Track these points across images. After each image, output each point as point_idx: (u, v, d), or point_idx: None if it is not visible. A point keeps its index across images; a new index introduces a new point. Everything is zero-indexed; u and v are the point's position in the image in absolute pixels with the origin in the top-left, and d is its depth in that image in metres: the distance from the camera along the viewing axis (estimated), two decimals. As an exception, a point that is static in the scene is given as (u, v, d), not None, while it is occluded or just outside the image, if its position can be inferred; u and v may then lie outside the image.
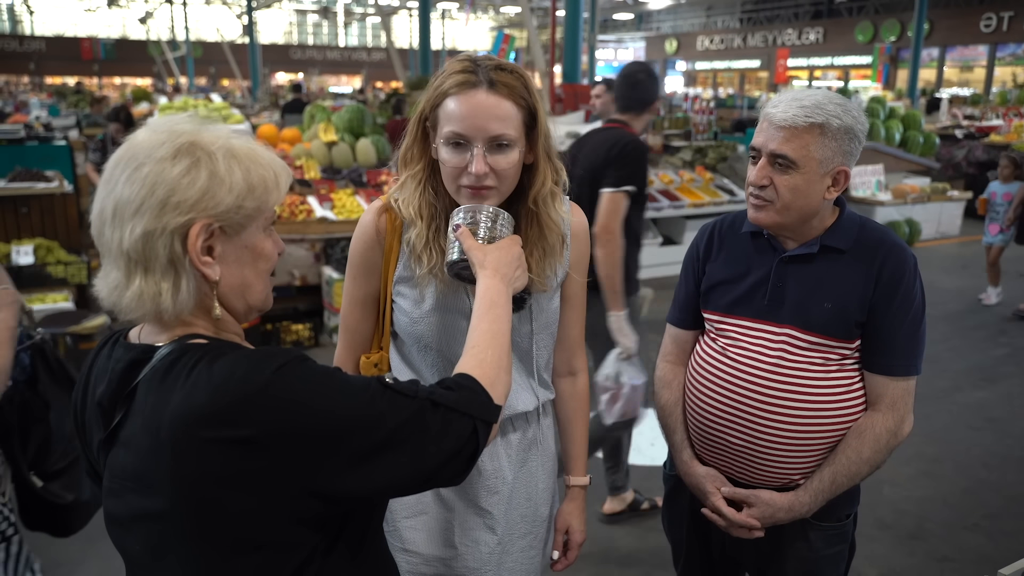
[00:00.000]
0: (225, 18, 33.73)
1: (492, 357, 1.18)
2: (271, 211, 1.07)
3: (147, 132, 1.02)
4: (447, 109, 1.41)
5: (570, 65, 11.23)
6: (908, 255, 1.67)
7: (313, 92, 22.52)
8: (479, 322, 1.25)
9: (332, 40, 43.03)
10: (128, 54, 35.35)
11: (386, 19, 20.12)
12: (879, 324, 1.64)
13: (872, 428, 1.67)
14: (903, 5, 26.73)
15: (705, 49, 37.52)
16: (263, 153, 1.07)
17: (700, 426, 1.80)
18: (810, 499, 1.69)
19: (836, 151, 1.60)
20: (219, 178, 0.99)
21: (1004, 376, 5.27)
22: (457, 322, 1.53)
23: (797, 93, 1.63)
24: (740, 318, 1.74)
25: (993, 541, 3.35)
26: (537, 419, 1.68)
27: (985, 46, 27.18)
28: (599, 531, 3.40)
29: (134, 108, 13.58)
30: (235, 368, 0.95)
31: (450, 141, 1.41)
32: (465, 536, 1.62)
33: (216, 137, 1.03)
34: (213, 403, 0.92)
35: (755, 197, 1.67)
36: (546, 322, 1.61)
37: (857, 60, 30.12)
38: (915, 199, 9.39)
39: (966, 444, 4.26)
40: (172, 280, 0.99)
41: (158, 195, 0.96)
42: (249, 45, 23.37)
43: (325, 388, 0.99)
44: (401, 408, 1.02)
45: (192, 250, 0.98)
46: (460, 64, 1.44)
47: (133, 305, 1.00)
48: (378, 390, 1.02)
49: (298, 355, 1.01)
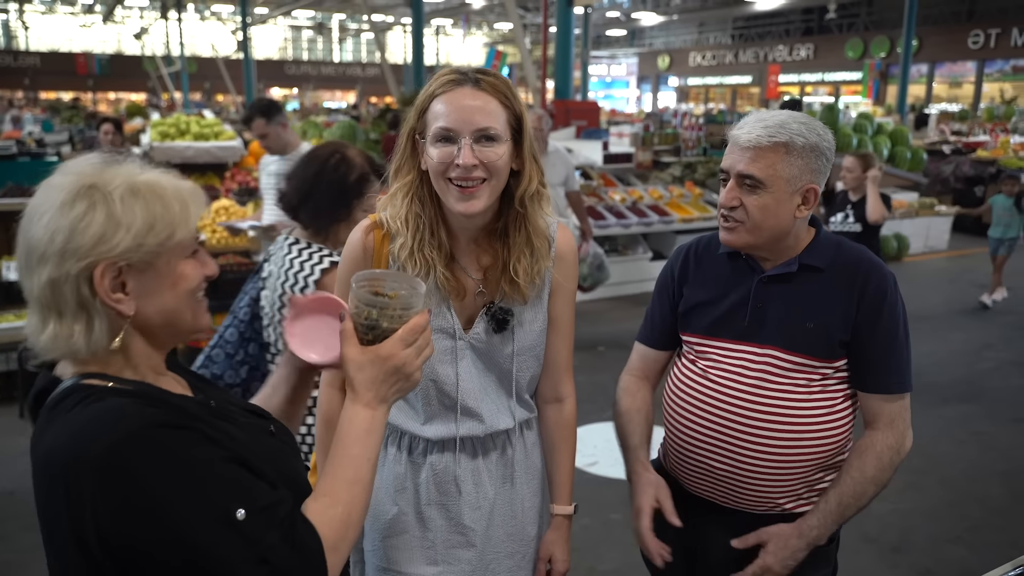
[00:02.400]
0: (220, 34, 33.81)
1: (342, 514, 1.08)
2: (186, 240, 1.07)
3: (56, 175, 1.03)
4: (435, 110, 1.45)
5: (562, 81, 11.32)
6: (888, 273, 1.68)
7: (307, 107, 22.60)
8: (343, 453, 1.12)
9: (327, 55, 43.17)
10: (123, 69, 35.40)
11: (380, 35, 20.23)
12: (868, 344, 1.65)
13: (873, 447, 1.67)
14: (892, 22, 26.96)
15: (697, 65, 37.76)
16: (168, 186, 1.06)
17: (682, 451, 1.78)
18: (819, 522, 1.67)
19: (803, 169, 1.61)
20: (115, 220, 0.99)
21: (989, 390, 5.31)
22: (440, 342, 1.54)
23: (762, 114, 1.66)
24: (721, 340, 1.73)
25: (975, 554, 3.37)
26: (520, 436, 1.67)
27: (973, 62, 27.43)
28: (584, 544, 3.41)
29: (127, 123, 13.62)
30: (90, 422, 0.96)
31: (438, 137, 1.43)
32: (448, 554, 1.62)
33: (116, 176, 1.02)
34: (66, 450, 0.95)
35: (726, 219, 1.67)
36: (530, 344, 1.60)
37: (847, 76, 30.34)
38: (903, 214, 9.47)
39: (951, 457, 4.30)
40: (84, 322, 1.00)
41: (57, 242, 0.98)
42: (244, 61, 23.44)
43: (174, 477, 0.95)
44: (231, 546, 0.96)
45: (100, 291, 0.99)
46: (446, 71, 1.49)
47: (49, 347, 1.01)
48: (229, 517, 0.96)
49: (174, 423, 0.98)
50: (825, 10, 24.35)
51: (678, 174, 8.81)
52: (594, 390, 5.11)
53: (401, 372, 1.15)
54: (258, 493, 1.00)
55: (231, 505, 0.96)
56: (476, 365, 1.58)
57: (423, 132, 1.48)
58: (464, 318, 1.57)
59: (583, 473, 4.06)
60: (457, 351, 1.56)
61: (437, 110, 1.44)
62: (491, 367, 1.60)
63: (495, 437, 1.63)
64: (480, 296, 1.57)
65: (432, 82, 1.49)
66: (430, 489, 1.60)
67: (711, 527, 1.79)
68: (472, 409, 1.58)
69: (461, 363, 1.56)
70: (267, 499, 1.01)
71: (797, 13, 32.44)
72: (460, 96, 1.44)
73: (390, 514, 1.62)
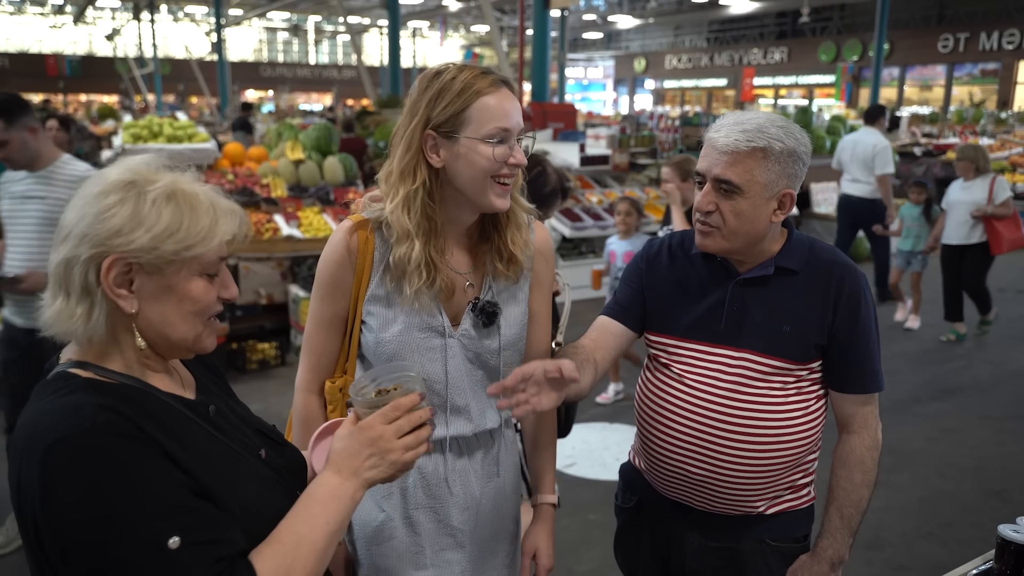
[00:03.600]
0: (194, 35, 33.50)
1: (286, 565, 1.04)
2: (205, 257, 1.07)
3: (112, 167, 1.09)
4: (483, 106, 1.45)
5: (539, 84, 11.34)
6: (860, 275, 1.69)
7: (283, 109, 22.45)
8: (305, 511, 1.09)
9: (302, 58, 42.90)
10: (94, 71, 34.94)
11: (356, 37, 20.15)
12: (845, 347, 1.66)
13: (853, 452, 1.70)
14: (864, 26, 27.31)
15: (673, 68, 37.99)
16: (205, 201, 1.08)
17: (657, 455, 1.76)
18: (830, 541, 1.70)
19: (780, 174, 1.59)
20: (138, 218, 1.02)
21: (960, 388, 5.40)
22: (429, 341, 1.55)
23: (739, 116, 1.62)
24: (697, 343, 1.71)
25: (948, 549, 3.42)
26: (502, 435, 1.69)
27: (943, 66, 27.85)
28: (563, 544, 3.42)
29: (99, 126, 13.46)
30: (50, 413, 0.98)
31: (496, 137, 1.46)
32: (436, 557, 1.61)
33: (160, 179, 1.06)
34: (25, 436, 0.98)
35: (702, 223, 1.65)
36: (514, 338, 1.62)
37: (821, 79, 30.68)
38: (876, 215, 9.55)
39: (923, 454, 4.36)
40: (87, 307, 1.03)
41: (80, 226, 1.02)
42: (218, 62, 23.23)
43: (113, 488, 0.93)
44: (152, 572, 0.93)
45: (104, 281, 1.02)
46: (470, 69, 1.48)
47: (51, 322, 1.05)
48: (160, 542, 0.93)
49: (130, 433, 0.96)
50: (798, 14, 24.57)
51: (655, 176, 8.86)
52: (572, 391, 5.13)
53: (376, 447, 1.13)
54: (201, 525, 0.98)
55: (166, 531, 0.94)
56: (464, 363, 1.59)
57: (457, 128, 1.46)
58: (452, 314, 1.58)
59: (561, 474, 4.07)
60: (447, 349, 1.56)
61: (488, 107, 1.45)
62: (478, 364, 1.61)
63: (481, 436, 1.63)
64: (467, 292, 1.59)
65: (461, 81, 1.46)
66: (418, 493, 1.60)
67: (686, 530, 1.80)
68: (461, 407, 1.59)
69: (451, 361, 1.57)
70: (208, 534, 0.98)
71: (771, 17, 32.75)
72: (506, 98, 1.48)
73: (377, 520, 1.61)
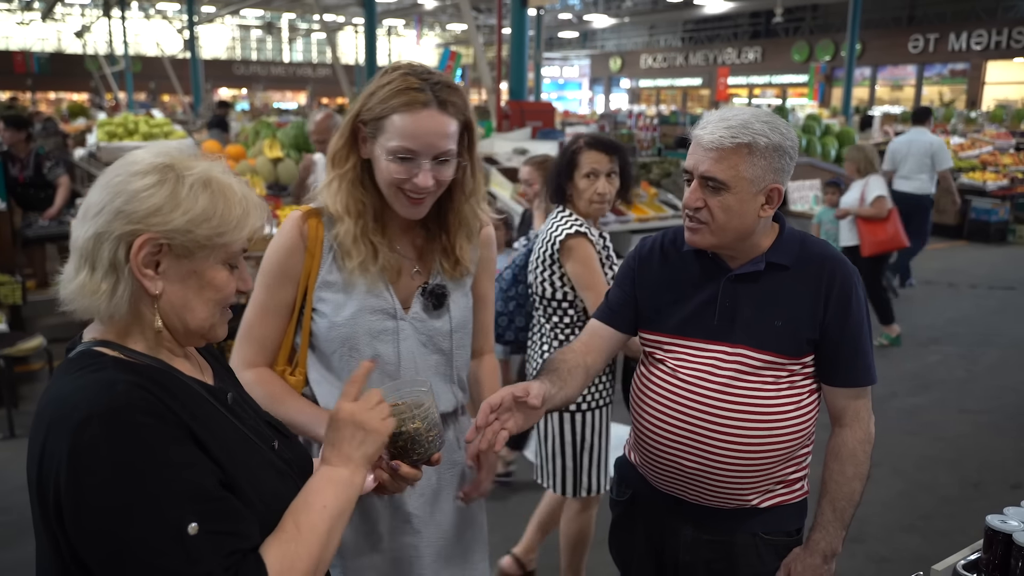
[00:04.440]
0: (166, 32, 33.08)
1: (305, 552, 1.05)
2: (232, 245, 1.09)
3: (143, 150, 1.09)
4: (395, 123, 1.46)
5: (516, 82, 11.34)
6: (851, 269, 1.70)
7: (258, 108, 22.26)
8: (304, 499, 1.11)
9: (276, 56, 42.54)
10: (64, 68, 34.37)
11: (332, 35, 20.02)
12: (837, 341, 1.67)
13: (845, 445, 1.72)
14: (836, 26, 27.63)
15: (648, 67, 38.18)
16: (239, 191, 1.10)
17: (652, 449, 1.77)
18: (823, 534, 1.71)
19: (767, 169, 1.59)
20: (176, 200, 1.04)
21: (937, 382, 5.47)
22: (381, 323, 1.58)
23: (725, 112, 1.63)
24: (691, 339, 1.72)
25: (928, 541, 3.47)
26: (456, 419, 1.72)
27: (914, 66, 28.25)
28: (551, 543, 3.42)
29: (70, 124, 13.24)
30: (81, 389, 0.98)
31: (398, 155, 1.46)
32: (393, 542, 1.64)
33: (196, 165, 1.07)
34: (54, 410, 0.98)
35: (690, 219, 1.66)
36: (462, 320, 1.67)
37: (794, 79, 30.98)
38: (851, 213, 9.68)
39: (903, 448, 4.41)
40: (111, 283, 1.03)
41: (116, 202, 1.02)
42: (191, 60, 22.96)
43: (139, 468, 0.93)
44: (169, 557, 0.93)
45: (134, 259, 1.02)
46: (405, 80, 1.47)
47: (73, 296, 1.05)
48: (180, 527, 0.94)
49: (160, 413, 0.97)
50: (772, 14, 24.82)
51: (633, 174, 8.88)
52: (554, 389, 5.14)
53: (354, 423, 1.17)
54: (221, 514, 0.98)
55: (187, 516, 0.95)
56: (417, 345, 1.62)
57: (376, 133, 1.49)
58: (401, 298, 1.61)
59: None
60: (399, 331, 1.59)
61: (399, 127, 1.46)
62: (431, 348, 1.64)
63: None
64: (415, 276, 1.62)
65: (393, 89, 1.47)
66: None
67: (680, 523, 1.81)
68: None
69: (403, 343, 1.59)
70: (226, 525, 0.98)
71: (745, 17, 33.03)
72: (425, 120, 1.46)
73: None
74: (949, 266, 9.10)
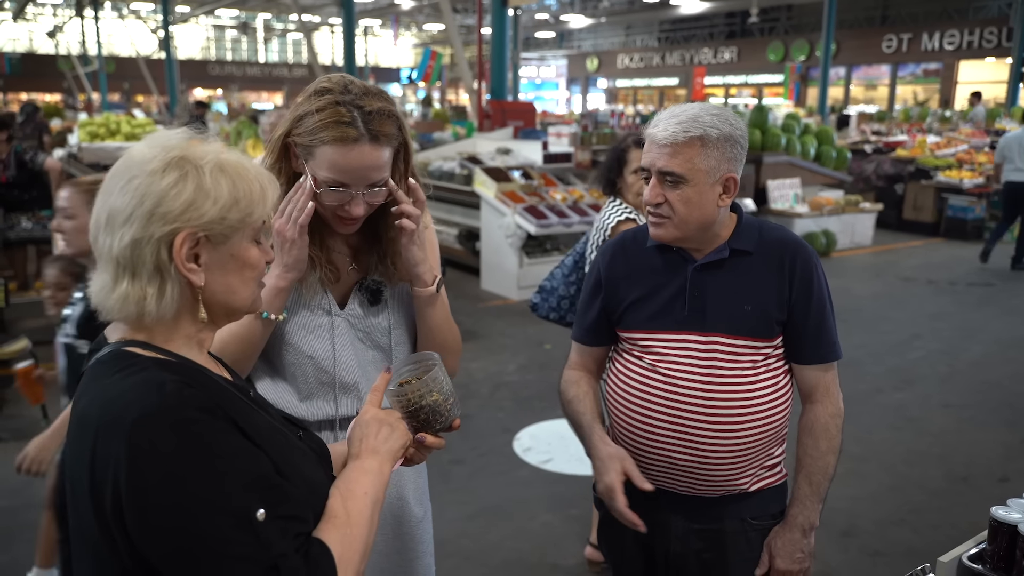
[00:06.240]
0: (140, 33, 32.66)
1: (358, 535, 1.09)
2: (259, 222, 1.11)
3: (142, 146, 1.08)
4: (325, 155, 1.44)
5: (497, 82, 11.33)
6: (810, 250, 1.79)
7: (236, 108, 22.05)
8: (345, 486, 1.15)
9: (252, 56, 42.17)
10: (36, 69, 33.79)
11: (309, 35, 19.91)
12: (803, 319, 1.74)
13: (818, 420, 1.78)
14: (811, 26, 27.88)
15: (625, 67, 38.30)
16: (251, 167, 1.11)
17: (641, 447, 1.80)
18: (800, 508, 1.77)
19: (720, 159, 1.67)
20: (204, 190, 1.04)
21: (920, 378, 5.54)
22: (316, 319, 1.59)
23: (674, 109, 1.71)
24: (663, 332, 1.77)
25: (919, 534, 3.52)
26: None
27: (888, 66, 28.58)
28: (546, 541, 3.43)
29: (47, 125, 13.03)
30: (130, 390, 0.98)
31: (330, 185, 1.46)
32: None
33: (206, 152, 1.07)
34: (102, 413, 0.97)
35: (653, 215, 1.74)
36: (400, 318, 1.67)
37: (770, 79, 31.21)
38: (830, 211, 9.80)
39: (889, 443, 4.47)
40: (157, 285, 1.03)
41: (146, 205, 1.02)
42: (166, 60, 22.71)
43: (202, 463, 0.95)
44: (243, 545, 0.95)
45: (178, 257, 1.03)
46: (334, 111, 1.43)
47: (118, 307, 1.04)
48: (248, 515, 0.95)
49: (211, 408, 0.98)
50: (747, 14, 25.00)
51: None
52: (543, 387, 5.14)
53: (380, 422, 1.25)
54: (282, 500, 1.00)
55: (252, 504, 0.96)
56: (354, 342, 1.63)
57: (307, 156, 1.48)
58: (339, 296, 1.62)
59: (538, 470, 4.08)
60: (334, 326, 1.60)
61: (329, 158, 1.44)
62: (369, 344, 1.65)
63: None
64: (352, 273, 1.64)
65: (321, 120, 1.43)
66: None
67: (669, 514, 1.83)
68: (350, 385, 1.62)
69: (338, 339, 1.60)
70: (288, 509, 1.01)
71: (721, 17, 33.23)
72: (356, 155, 1.44)
73: None
74: (927, 263, 9.23)
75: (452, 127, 12.81)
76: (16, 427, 4.54)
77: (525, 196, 7.72)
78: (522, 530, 3.53)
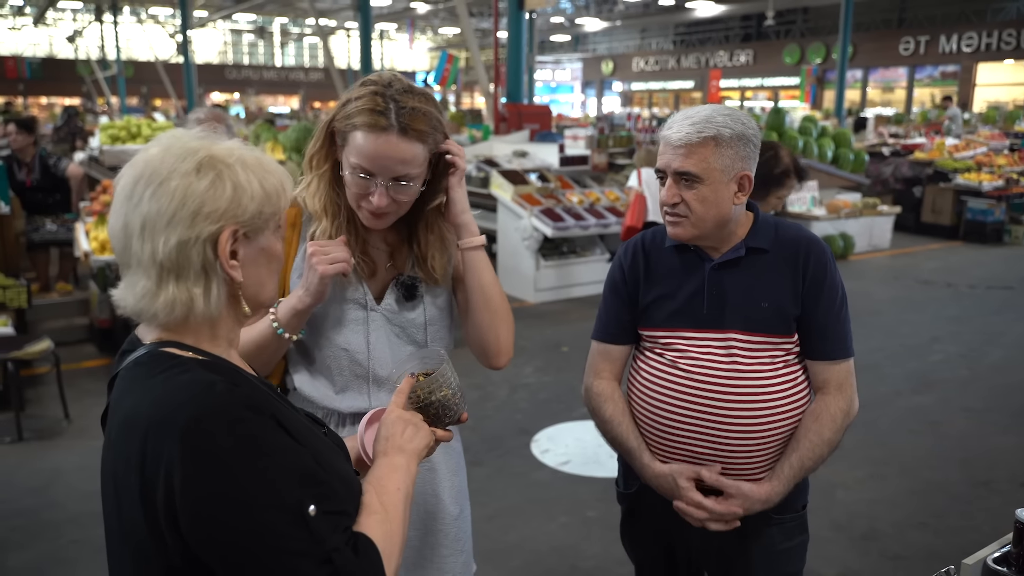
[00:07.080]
0: (158, 37, 32.97)
1: (396, 529, 1.12)
2: (282, 215, 1.13)
3: (160, 150, 1.06)
4: (356, 140, 1.48)
5: (513, 85, 11.36)
6: (825, 247, 1.81)
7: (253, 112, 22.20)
8: (378, 483, 1.17)
9: (268, 60, 42.48)
10: (56, 73, 34.23)
11: (325, 39, 20.04)
12: (814, 315, 1.77)
13: (827, 409, 1.78)
14: (828, 29, 27.77)
15: (640, 70, 38.27)
16: (269, 162, 1.13)
17: (663, 443, 1.83)
18: (783, 487, 1.77)
19: (734, 158, 1.71)
20: (242, 188, 1.05)
21: (939, 381, 5.50)
22: (352, 313, 1.61)
23: (688, 111, 1.75)
24: (683, 330, 1.80)
25: (941, 538, 3.49)
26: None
27: (905, 68, 28.41)
28: (564, 542, 3.43)
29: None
30: (180, 390, 0.98)
31: (356, 171, 1.49)
32: None
33: (229, 150, 1.08)
34: (151, 414, 0.97)
35: (670, 215, 1.77)
36: (436, 314, 1.69)
37: (786, 81, 31.10)
38: (848, 214, 9.74)
39: (909, 447, 4.44)
40: (203, 285, 1.04)
41: (190, 207, 1.02)
42: (184, 64, 22.92)
43: (255, 461, 0.96)
44: (298, 540, 0.96)
45: (222, 255, 1.04)
46: (371, 100, 1.47)
47: (165, 311, 1.04)
48: (301, 510, 0.97)
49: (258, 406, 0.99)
50: (763, 17, 24.90)
51: (632, 176, 8.92)
52: (561, 389, 5.14)
53: (405, 421, 1.27)
54: (330, 495, 1.02)
55: (304, 499, 0.98)
56: (390, 337, 1.65)
57: (343, 142, 1.52)
58: (376, 291, 1.64)
59: (556, 472, 4.08)
60: (368, 321, 1.62)
61: (359, 144, 1.48)
62: (405, 338, 1.66)
63: None
64: (390, 269, 1.66)
65: (357, 106, 1.48)
66: None
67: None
68: (384, 379, 1.63)
69: (372, 333, 1.62)
70: (336, 504, 1.03)
71: (736, 20, 33.16)
72: (382, 145, 1.46)
73: None
74: (946, 266, 9.16)
75: (468, 130, 12.84)
76: (38, 427, 4.59)
77: (542, 199, 7.73)
78: (540, 531, 3.53)
